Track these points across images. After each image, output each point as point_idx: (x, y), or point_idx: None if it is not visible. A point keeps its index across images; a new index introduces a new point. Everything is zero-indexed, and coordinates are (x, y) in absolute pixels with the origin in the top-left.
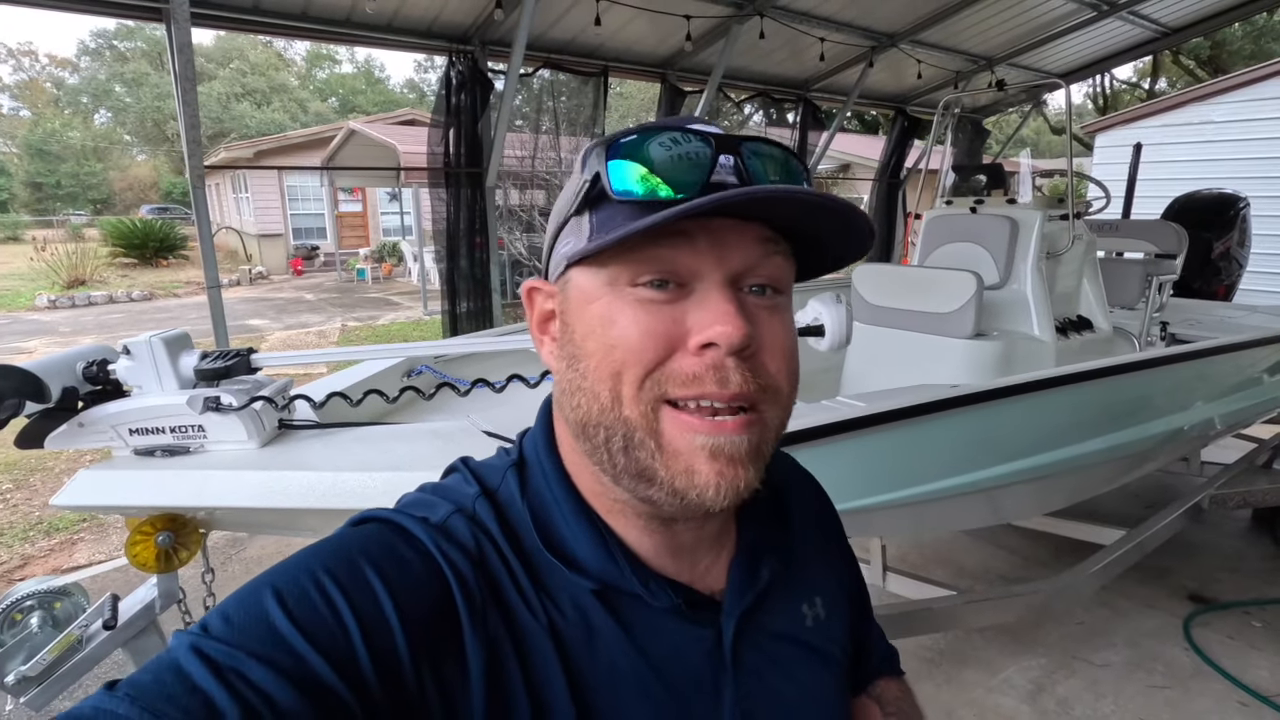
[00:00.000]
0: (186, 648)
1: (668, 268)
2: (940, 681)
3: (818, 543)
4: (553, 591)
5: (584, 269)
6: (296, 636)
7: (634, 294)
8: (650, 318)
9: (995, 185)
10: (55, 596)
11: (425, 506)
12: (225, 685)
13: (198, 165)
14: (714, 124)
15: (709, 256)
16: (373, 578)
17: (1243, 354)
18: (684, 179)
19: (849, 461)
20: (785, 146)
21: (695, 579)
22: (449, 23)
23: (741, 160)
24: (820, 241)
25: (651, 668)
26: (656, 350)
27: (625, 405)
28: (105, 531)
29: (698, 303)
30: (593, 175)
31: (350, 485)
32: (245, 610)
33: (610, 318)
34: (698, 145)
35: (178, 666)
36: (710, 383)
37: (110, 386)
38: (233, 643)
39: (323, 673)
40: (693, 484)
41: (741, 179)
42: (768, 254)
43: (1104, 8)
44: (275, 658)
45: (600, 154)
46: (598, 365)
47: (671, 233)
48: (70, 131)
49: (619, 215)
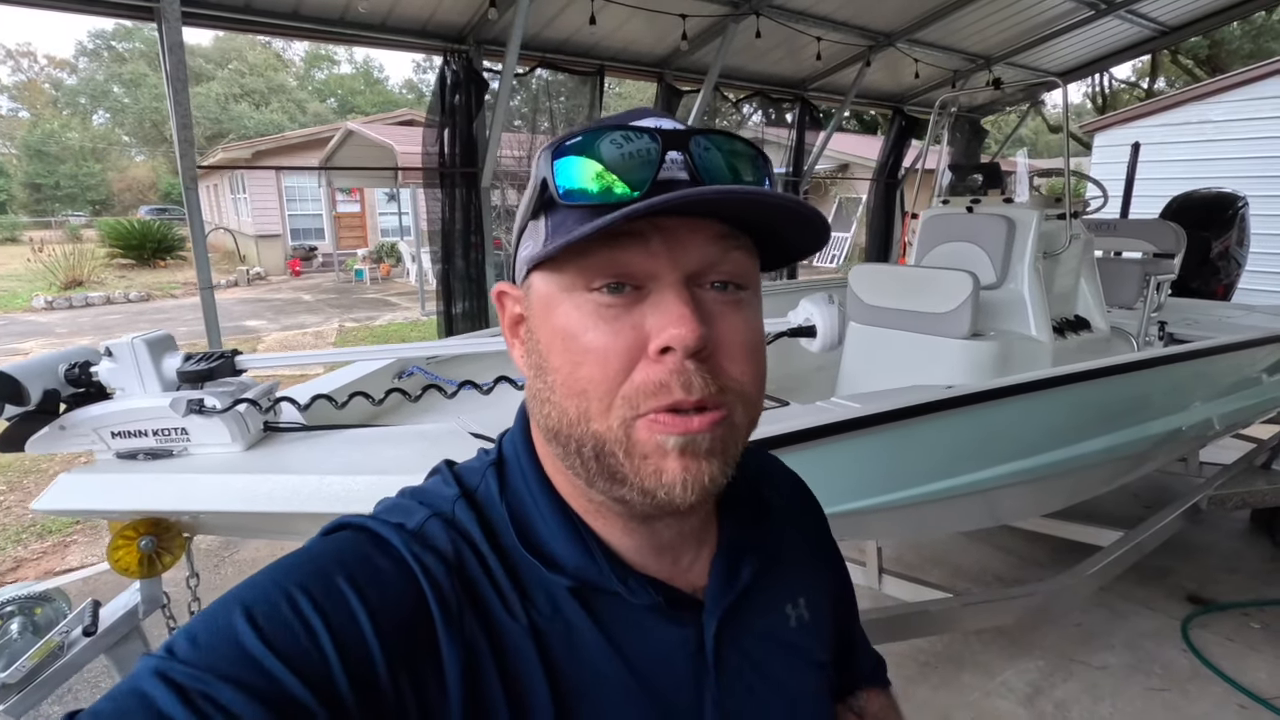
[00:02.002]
0: (150, 672)
1: (622, 270)
2: (937, 684)
3: (802, 544)
4: (531, 591)
5: (543, 273)
6: (268, 655)
7: (591, 299)
8: (610, 328)
9: (992, 185)
10: (36, 602)
11: (402, 512)
12: (193, 710)
13: (190, 166)
14: (671, 117)
15: (663, 257)
16: (346, 589)
17: (1241, 354)
18: (631, 178)
19: (844, 463)
20: (741, 138)
21: (676, 576)
22: (443, 22)
23: (690, 156)
24: (778, 234)
25: (631, 666)
26: (620, 364)
27: (594, 421)
28: (98, 534)
29: (654, 305)
30: (542, 179)
31: (335, 488)
32: (213, 630)
33: (572, 330)
34: (645, 143)
35: (141, 692)
36: (677, 389)
37: (93, 389)
38: (200, 665)
39: (297, 691)
40: (660, 482)
41: (692, 175)
42: (726, 250)
43: (1102, 6)
44: (246, 678)
45: (547, 157)
46: (564, 381)
47: (624, 234)
48: (69, 132)
49: (571, 218)
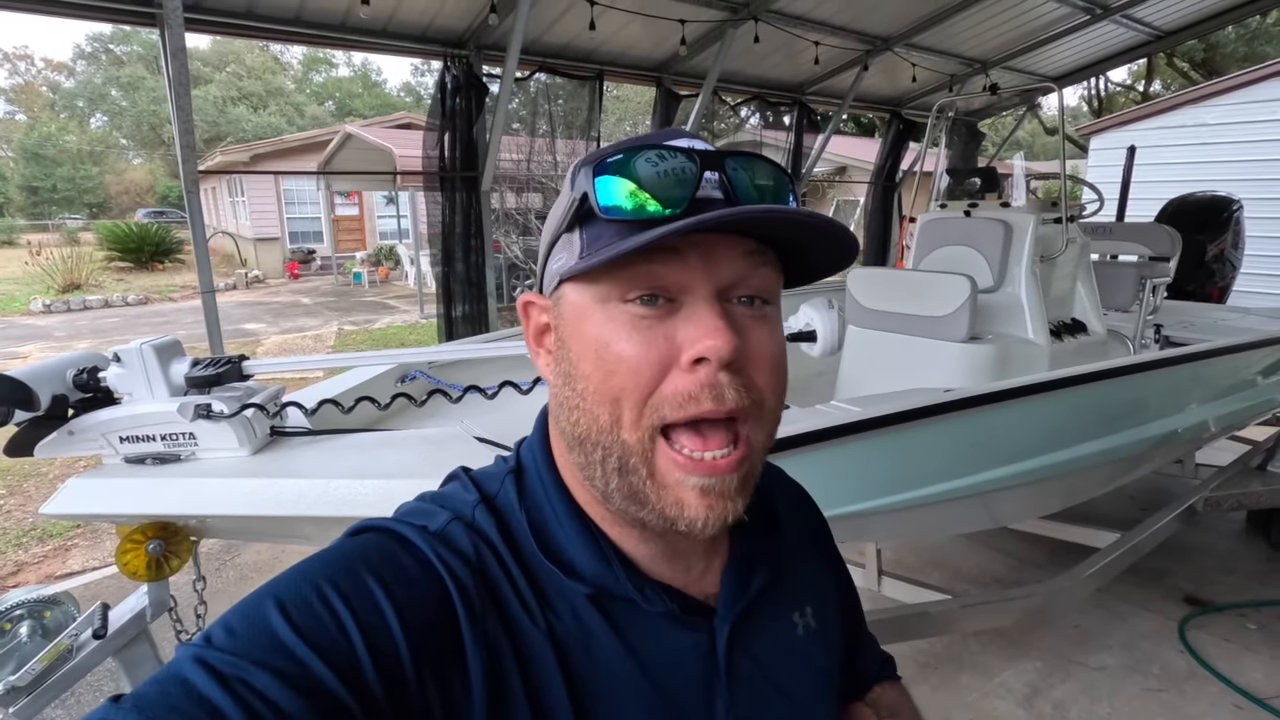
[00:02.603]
0: (190, 659)
1: (657, 283)
2: (936, 685)
3: (808, 552)
4: (550, 597)
5: (576, 284)
6: (300, 644)
7: (625, 310)
8: (644, 338)
9: (989, 188)
10: (45, 605)
11: (424, 515)
12: (230, 693)
13: (191, 170)
14: (700, 137)
15: (697, 271)
16: (374, 585)
17: (1237, 356)
18: (670, 195)
19: (844, 466)
20: (769, 160)
21: (690, 584)
22: (444, 27)
23: (726, 176)
24: (805, 252)
25: (646, 671)
26: (653, 373)
27: (625, 430)
28: (99, 538)
29: (686, 317)
30: (581, 194)
31: (342, 492)
32: (248, 621)
33: (605, 340)
34: (683, 162)
35: (182, 678)
36: (706, 400)
37: (101, 394)
38: (236, 652)
39: (327, 679)
40: (682, 514)
41: (727, 194)
42: (755, 266)
43: (1097, 11)
44: (279, 665)
45: (588, 172)
46: (596, 389)
47: (660, 249)
48: (66, 135)
49: (608, 232)
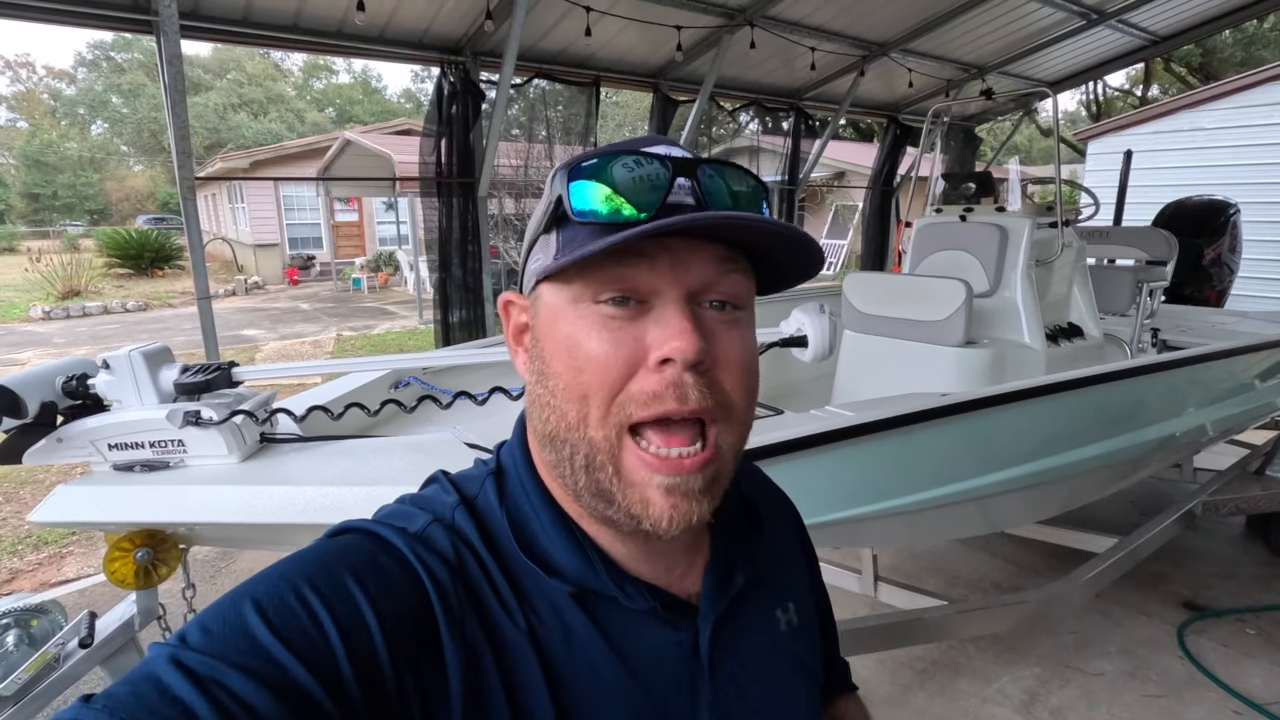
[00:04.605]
0: (164, 659)
1: (628, 285)
2: (933, 692)
3: (789, 553)
4: (531, 597)
5: (552, 285)
6: (277, 645)
7: (597, 310)
8: (613, 338)
9: (984, 193)
10: (31, 614)
11: (403, 517)
12: (204, 695)
13: (188, 176)
14: (679, 145)
15: (666, 275)
16: (352, 586)
17: (1234, 360)
18: (642, 200)
19: (840, 471)
20: (743, 168)
21: (671, 583)
22: (440, 34)
23: (698, 183)
24: (775, 260)
25: (629, 669)
26: (621, 372)
27: (591, 426)
28: (95, 545)
29: (656, 319)
30: (556, 197)
31: (331, 499)
32: (224, 621)
33: (576, 339)
34: (656, 168)
35: (155, 677)
36: (670, 399)
37: (89, 401)
38: (212, 653)
39: (304, 680)
40: (647, 514)
41: (698, 200)
42: (725, 272)
43: (1093, 16)
44: (255, 666)
45: (564, 176)
46: (566, 386)
47: (632, 252)
48: (67, 142)
49: (582, 234)
